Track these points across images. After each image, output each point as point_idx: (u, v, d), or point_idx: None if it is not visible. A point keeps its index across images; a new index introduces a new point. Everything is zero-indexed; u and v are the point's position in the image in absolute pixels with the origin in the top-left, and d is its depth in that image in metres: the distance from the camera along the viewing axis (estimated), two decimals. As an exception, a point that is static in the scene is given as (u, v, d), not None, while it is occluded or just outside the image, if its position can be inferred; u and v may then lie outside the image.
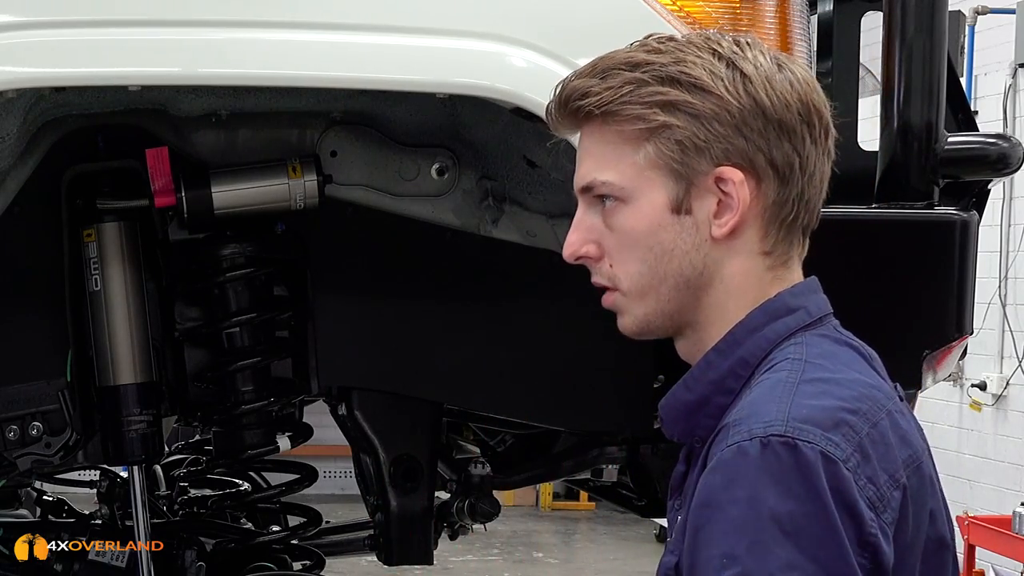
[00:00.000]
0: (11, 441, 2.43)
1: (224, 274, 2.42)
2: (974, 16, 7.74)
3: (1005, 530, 6.02)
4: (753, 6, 2.13)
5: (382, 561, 2.89)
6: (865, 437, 1.47)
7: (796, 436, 1.43)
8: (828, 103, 1.61)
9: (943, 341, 2.24)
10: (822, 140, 1.58)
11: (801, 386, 1.50)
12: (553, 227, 2.44)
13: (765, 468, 1.43)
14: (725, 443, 1.47)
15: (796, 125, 1.56)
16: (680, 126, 1.55)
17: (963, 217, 2.22)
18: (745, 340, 1.59)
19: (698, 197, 1.57)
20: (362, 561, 3.56)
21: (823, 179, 1.60)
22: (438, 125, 2.40)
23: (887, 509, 1.46)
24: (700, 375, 1.62)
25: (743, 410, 1.50)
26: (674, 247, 1.59)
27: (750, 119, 1.55)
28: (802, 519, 1.41)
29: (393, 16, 2.01)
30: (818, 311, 1.62)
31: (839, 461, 1.43)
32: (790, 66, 1.59)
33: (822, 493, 1.41)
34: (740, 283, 1.60)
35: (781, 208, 1.58)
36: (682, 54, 1.56)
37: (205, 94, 2.27)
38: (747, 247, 1.59)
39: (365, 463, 2.82)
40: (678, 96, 1.55)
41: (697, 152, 1.56)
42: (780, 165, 1.56)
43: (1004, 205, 7.73)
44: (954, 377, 8.03)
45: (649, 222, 1.59)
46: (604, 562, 8.53)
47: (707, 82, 1.55)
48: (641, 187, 1.58)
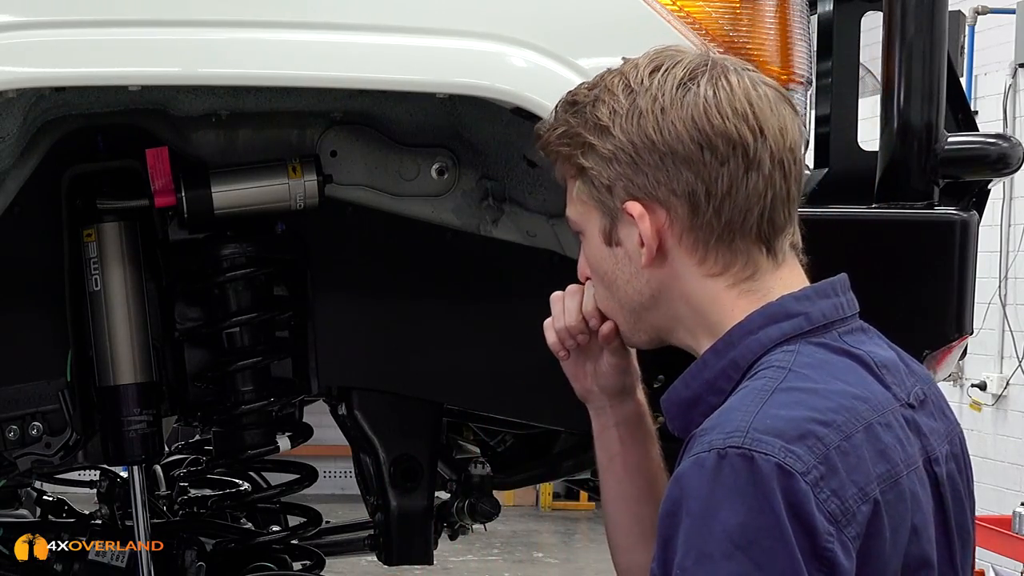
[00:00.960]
0: (11, 441, 2.43)
1: (224, 274, 2.42)
2: (974, 16, 7.75)
3: (1005, 530, 6.02)
4: (753, 6, 2.13)
5: (382, 561, 2.89)
6: (834, 450, 1.46)
7: (753, 448, 1.44)
8: (763, 112, 1.58)
9: (943, 341, 2.24)
10: (737, 159, 1.58)
11: (775, 395, 1.50)
12: (553, 227, 2.44)
13: (720, 481, 1.44)
14: (689, 453, 1.49)
15: (692, 153, 1.58)
16: (591, 167, 1.63)
17: (963, 217, 2.22)
18: (739, 342, 1.60)
19: (624, 230, 1.64)
20: (362, 561, 3.56)
21: (753, 195, 1.59)
22: (438, 125, 2.40)
23: (851, 523, 1.45)
24: (697, 373, 1.65)
25: (712, 419, 1.51)
26: (616, 276, 1.67)
27: (644, 154, 1.60)
28: (753, 532, 1.41)
29: (393, 16, 2.01)
30: (821, 318, 1.61)
31: (796, 474, 1.43)
32: (706, 84, 1.58)
33: (775, 505, 1.42)
34: (697, 304, 1.63)
35: (700, 232, 1.60)
36: (602, 92, 1.63)
37: (205, 94, 2.27)
38: (687, 271, 1.62)
39: (365, 463, 2.82)
40: (587, 138, 1.63)
41: (607, 191, 1.63)
42: (683, 194, 1.59)
43: (1004, 205, 7.74)
44: (954, 377, 8.03)
45: (596, 254, 1.69)
46: (604, 562, 8.48)
47: (606, 123, 1.61)
48: (583, 221, 1.68)
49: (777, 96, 1.63)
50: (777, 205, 1.61)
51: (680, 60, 1.62)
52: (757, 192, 1.59)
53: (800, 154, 1.66)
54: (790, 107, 1.64)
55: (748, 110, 1.58)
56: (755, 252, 1.61)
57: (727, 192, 1.58)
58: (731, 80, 1.60)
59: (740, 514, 1.42)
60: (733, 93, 1.59)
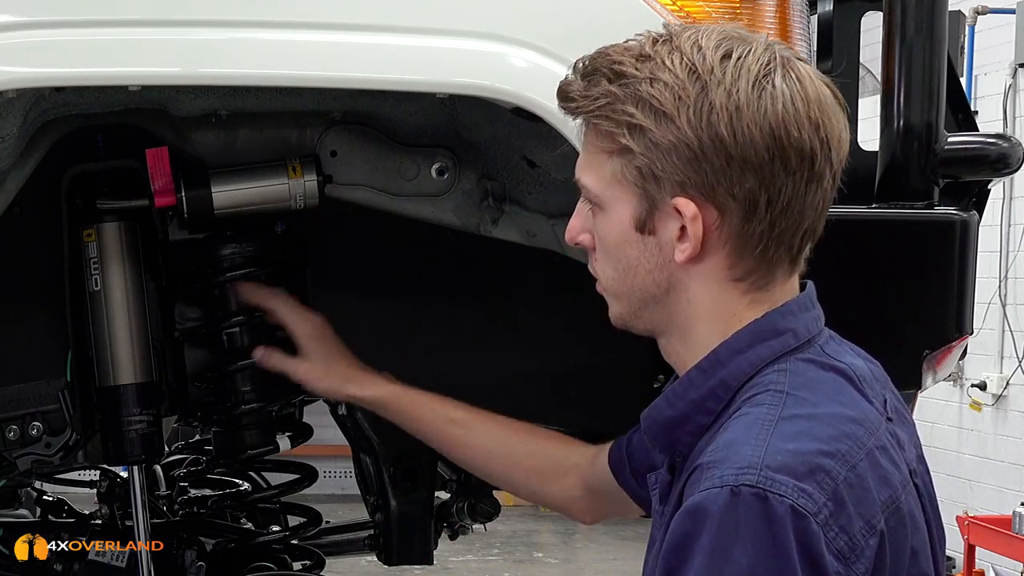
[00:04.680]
0: (11, 441, 2.43)
1: (224, 274, 2.42)
2: (974, 16, 7.75)
3: (1005, 530, 6.02)
4: (753, 6, 2.13)
5: (382, 561, 2.90)
6: (842, 483, 1.45)
7: (767, 488, 1.41)
8: (830, 122, 1.54)
9: (943, 341, 2.24)
10: (803, 171, 1.52)
11: (780, 425, 1.47)
12: (553, 227, 2.44)
13: (733, 519, 1.42)
14: (699, 486, 1.46)
15: (764, 162, 1.50)
16: (640, 153, 1.53)
17: (963, 217, 2.22)
18: (728, 362, 1.57)
19: (661, 220, 1.56)
20: (362, 561, 3.56)
21: (808, 208, 1.55)
22: (438, 125, 2.40)
23: (860, 558, 1.44)
24: (682, 392, 1.60)
25: (718, 451, 1.48)
26: (638, 264, 1.59)
27: (711, 154, 1.51)
28: (763, 573, 1.40)
29: (393, 16, 2.01)
30: (806, 333, 1.59)
31: (809, 515, 1.41)
32: (781, 85, 1.51)
33: (788, 548, 1.40)
34: (709, 307, 1.58)
35: (748, 239, 1.54)
36: (660, 70, 1.52)
37: (205, 94, 2.27)
38: (714, 274, 1.57)
39: (365, 463, 2.82)
40: (642, 121, 1.52)
41: (655, 180, 1.54)
42: (743, 200, 1.52)
43: (1004, 205, 7.74)
44: (954, 377, 8.03)
45: (617, 234, 1.59)
46: (604, 562, 8.53)
47: (670, 111, 1.51)
48: (611, 198, 1.58)
49: (833, 97, 1.58)
50: (822, 216, 1.58)
51: (749, 48, 1.53)
52: (813, 205, 1.55)
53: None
54: (841, 106, 1.59)
55: (820, 120, 1.53)
56: (780, 264, 1.58)
57: (787, 204, 1.53)
58: (803, 80, 1.53)
59: (751, 555, 1.40)
60: (808, 100, 1.52)
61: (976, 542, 6.33)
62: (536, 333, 2.54)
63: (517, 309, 2.55)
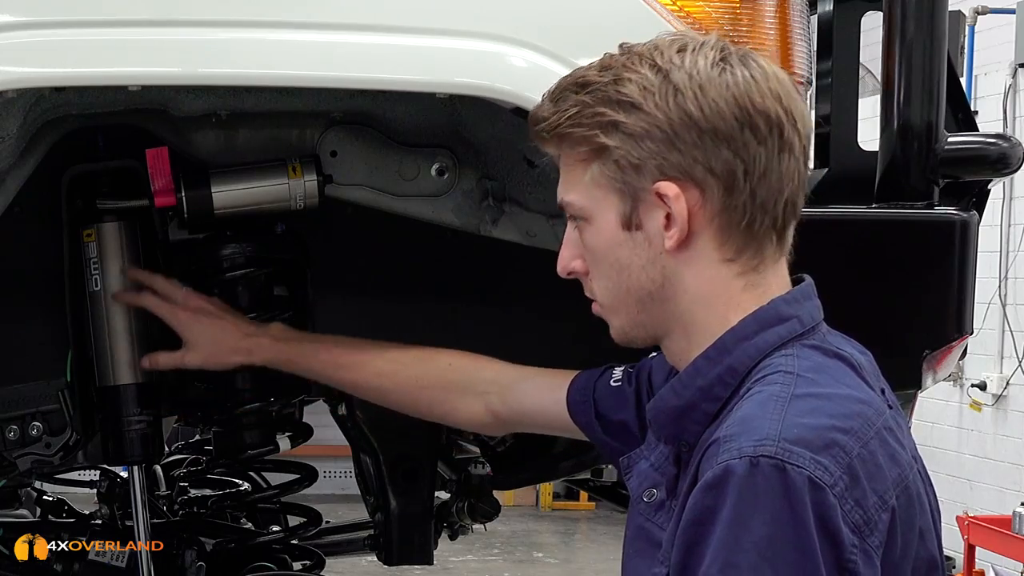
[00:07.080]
0: (11, 441, 2.43)
1: (224, 274, 2.42)
2: (974, 16, 7.76)
3: (1005, 530, 6.03)
4: (753, 6, 2.13)
5: (382, 561, 2.90)
6: (856, 458, 1.47)
7: (786, 459, 1.43)
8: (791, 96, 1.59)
9: (943, 341, 2.24)
10: (774, 139, 1.57)
11: (793, 401, 1.50)
12: (553, 227, 2.44)
13: (752, 489, 1.43)
14: (716, 459, 1.47)
15: (734, 131, 1.56)
16: (617, 147, 1.58)
17: (963, 217, 2.22)
18: (734, 348, 1.59)
19: (646, 212, 1.60)
20: (362, 561, 3.56)
21: (785, 177, 1.59)
22: (438, 125, 2.40)
23: (874, 532, 1.46)
24: (689, 381, 1.62)
25: (734, 426, 1.50)
26: (630, 262, 1.63)
27: (682, 132, 1.56)
28: (781, 544, 1.41)
29: (393, 16, 2.01)
30: (810, 320, 1.62)
31: (827, 487, 1.43)
32: (739, 65, 1.58)
33: (806, 520, 1.42)
34: (706, 292, 1.61)
35: (732, 214, 1.58)
36: (623, 71, 1.59)
37: (205, 94, 2.27)
38: (705, 256, 1.60)
39: (365, 463, 2.82)
40: (614, 117, 1.58)
41: (635, 170, 1.59)
42: (721, 173, 1.57)
43: (1004, 205, 7.74)
44: (954, 377, 8.04)
45: (606, 240, 1.63)
46: (604, 562, 8.52)
47: (638, 99, 1.57)
48: (596, 206, 1.63)
49: (792, 83, 1.63)
50: (799, 189, 1.61)
51: (704, 42, 1.60)
52: (789, 174, 1.59)
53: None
54: (798, 92, 1.65)
55: (780, 92, 1.58)
56: (768, 240, 1.61)
57: (764, 172, 1.57)
58: (760, 63, 1.59)
59: (769, 525, 1.42)
60: (767, 75, 1.58)
61: (976, 542, 6.33)
62: (535, 333, 2.54)
63: (516, 308, 2.55)
